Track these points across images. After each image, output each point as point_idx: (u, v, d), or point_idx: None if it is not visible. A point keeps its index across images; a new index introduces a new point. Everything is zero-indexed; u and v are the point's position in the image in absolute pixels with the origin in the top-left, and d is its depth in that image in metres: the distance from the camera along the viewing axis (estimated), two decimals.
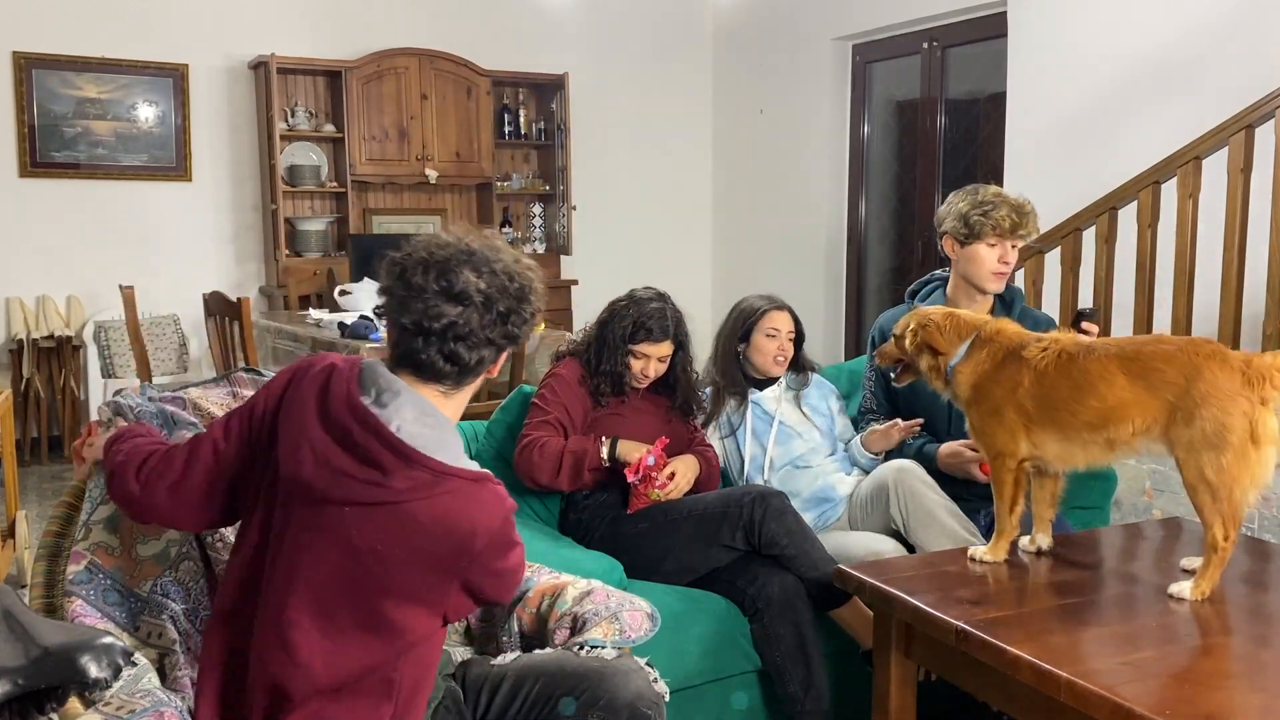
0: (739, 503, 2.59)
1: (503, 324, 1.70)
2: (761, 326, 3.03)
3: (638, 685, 1.86)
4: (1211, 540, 2.05)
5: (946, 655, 2.09)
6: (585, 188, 7.46)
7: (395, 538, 1.62)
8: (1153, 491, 4.18)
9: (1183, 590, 2.07)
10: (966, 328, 2.35)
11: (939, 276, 3.03)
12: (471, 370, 1.71)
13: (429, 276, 1.66)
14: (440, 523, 1.61)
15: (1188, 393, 2.05)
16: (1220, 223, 3.98)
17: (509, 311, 1.70)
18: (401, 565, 1.62)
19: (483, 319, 1.67)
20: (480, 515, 1.63)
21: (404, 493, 1.61)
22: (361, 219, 6.98)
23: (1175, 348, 2.10)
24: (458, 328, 1.65)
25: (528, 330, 1.76)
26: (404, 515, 1.62)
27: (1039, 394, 2.21)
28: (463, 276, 1.66)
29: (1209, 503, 2.04)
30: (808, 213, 7.15)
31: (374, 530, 1.62)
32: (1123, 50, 5.05)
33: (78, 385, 6.16)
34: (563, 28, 7.37)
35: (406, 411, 1.64)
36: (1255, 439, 2.01)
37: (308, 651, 1.64)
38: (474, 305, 1.66)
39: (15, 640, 1.46)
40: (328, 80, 6.79)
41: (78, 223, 6.27)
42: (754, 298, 3.11)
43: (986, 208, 2.78)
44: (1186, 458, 2.07)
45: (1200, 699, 1.67)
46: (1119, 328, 4.36)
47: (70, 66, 6.18)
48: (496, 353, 1.73)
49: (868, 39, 6.76)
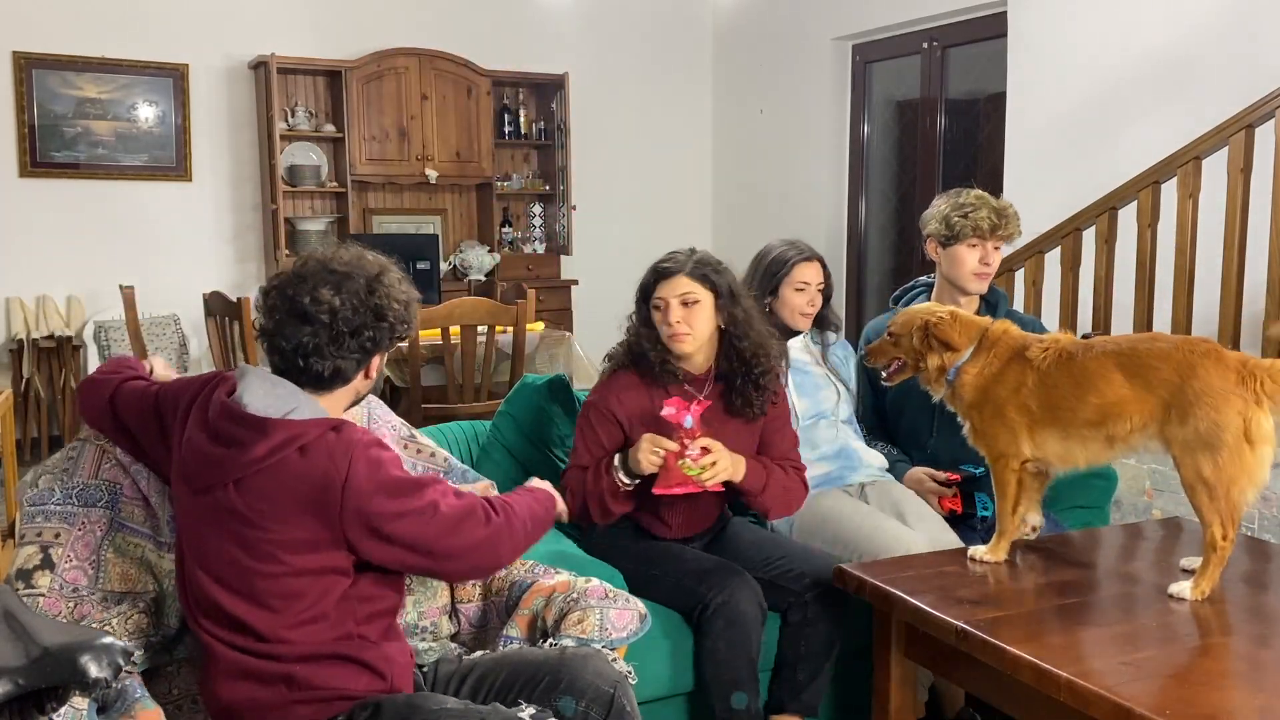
0: (705, 594, 2.39)
1: (354, 339, 1.83)
2: (791, 280, 2.84)
3: (596, 665, 1.94)
4: (1210, 539, 2.06)
5: (946, 655, 2.09)
6: (585, 188, 7.46)
7: (273, 496, 1.76)
8: (1153, 491, 4.18)
9: (1183, 590, 2.08)
10: (974, 327, 2.35)
11: (923, 282, 3.06)
12: (330, 379, 1.85)
13: (284, 296, 1.83)
14: (303, 470, 1.75)
15: (1182, 391, 2.05)
16: (1220, 223, 3.98)
17: (360, 328, 1.83)
18: (284, 523, 1.76)
19: (331, 335, 1.81)
20: (337, 454, 1.75)
21: (266, 457, 1.75)
22: (362, 219, 6.98)
23: (1171, 346, 2.11)
24: (304, 346, 1.81)
25: (388, 343, 1.89)
26: (272, 475, 1.76)
27: (1041, 394, 2.22)
28: (318, 295, 1.81)
29: (1206, 502, 2.05)
30: (808, 213, 7.15)
31: (254, 498, 1.76)
32: (1122, 50, 5.05)
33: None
34: (563, 28, 7.37)
35: (255, 388, 1.81)
36: (1250, 438, 2.01)
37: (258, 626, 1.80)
38: (320, 324, 1.80)
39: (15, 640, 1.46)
40: (328, 80, 6.79)
41: (78, 223, 6.27)
42: (780, 246, 2.90)
43: (967, 209, 2.82)
44: (1182, 456, 2.08)
45: (1200, 699, 1.67)
46: (1119, 328, 4.35)
47: (70, 66, 6.18)
48: (356, 365, 1.86)
49: (868, 39, 6.75)
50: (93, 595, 2.03)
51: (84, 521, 2.07)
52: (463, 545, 1.84)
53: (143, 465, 2.12)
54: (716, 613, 2.38)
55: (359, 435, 1.81)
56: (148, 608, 2.06)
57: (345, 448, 1.76)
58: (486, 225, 7.33)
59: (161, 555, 2.10)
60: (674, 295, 2.45)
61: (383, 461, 1.80)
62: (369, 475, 1.76)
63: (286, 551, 1.77)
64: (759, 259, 2.92)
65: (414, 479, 1.84)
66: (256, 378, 1.84)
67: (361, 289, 1.83)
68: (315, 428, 1.77)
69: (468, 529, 1.84)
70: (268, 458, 1.75)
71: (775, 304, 2.87)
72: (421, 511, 1.80)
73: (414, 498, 1.80)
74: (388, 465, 1.80)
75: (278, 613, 1.78)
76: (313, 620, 1.79)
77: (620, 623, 2.09)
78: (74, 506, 2.08)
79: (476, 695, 1.94)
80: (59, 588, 2.01)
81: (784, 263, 2.86)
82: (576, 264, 7.46)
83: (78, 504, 2.08)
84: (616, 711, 1.89)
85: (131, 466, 2.12)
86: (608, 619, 2.08)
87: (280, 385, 1.82)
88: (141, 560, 2.10)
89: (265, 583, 1.78)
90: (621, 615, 2.10)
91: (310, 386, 1.84)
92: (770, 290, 2.86)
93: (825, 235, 7.07)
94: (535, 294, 5.15)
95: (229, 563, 1.79)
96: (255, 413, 1.77)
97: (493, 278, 7.00)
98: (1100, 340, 2.25)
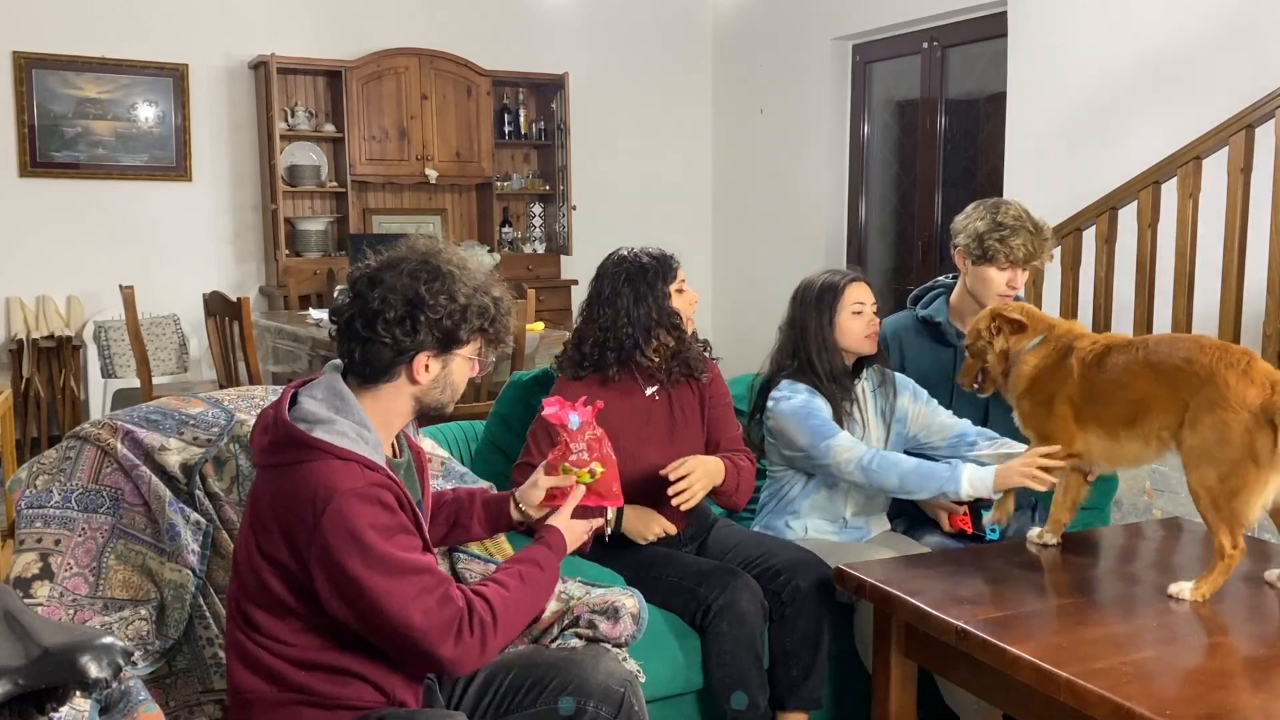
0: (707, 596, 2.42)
1: (385, 323, 1.74)
2: (844, 304, 2.68)
3: (607, 665, 1.93)
4: (1219, 547, 2.06)
5: (946, 655, 2.09)
6: (585, 188, 7.46)
7: (271, 498, 1.72)
8: (1153, 491, 4.18)
9: (1182, 591, 2.08)
10: (1044, 319, 2.41)
11: (943, 283, 3.01)
12: (363, 366, 1.77)
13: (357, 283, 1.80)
14: (295, 488, 1.69)
15: (1199, 396, 2.04)
16: (1220, 223, 3.98)
17: (403, 317, 1.75)
18: (269, 533, 1.71)
19: (362, 312, 1.75)
20: (324, 484, 1.66)
21: (278, 459, 1.72)
22: (362, 219, 6.97)
23: (1201, 349, 2.08)
24: (343, 318, 1.78)
25: (431, 341, 1.77)
26: (277, 478, 1.72)
27: (1084, 388, 2.26)
28: (372, 271, 1.78)
29: (1211, 512, 2.06)
30: (808, 213, 7.15)
31: (260, 489, 1.75)
32: (1123, 50, 5.05)
33: (78, 385, 6.15)
34: (563, 28, 7.37)
35: (317, 390, 1.78)
36: (1255, 457, 1.97)
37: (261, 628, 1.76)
38: (360, 298, 1.76)
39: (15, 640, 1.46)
40: (328, 80, 6.79)
41: (78, 223, 6.27)
42: (822, 275, 2.76)
43: (1004, 233, 2.73)
44: (1188, 462, 2.08)
45: (1200, 699, 1.67)
46: (1119, 328, 4.35)
47: (70, 66, 6.18)
48: (391, 354, 1.76)
49: (868, 39, 6.75)
50: (94, 603, 2.02)
51: (84, 527, 2.06)
52: (419, 658, 1.71)
53: (144, 469, 2.11)
54: (720, 614, 2.39)
55: (359, 479, 1.68)
56: (149, 615, 2.04)
57: (337, 482, 1.66)
58: (486, 225, 7.33)
59: (163, 563, 2.08)
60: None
61: (369, 522, 1.66)
62: (345, 522, 1.65)
63: (271, 563, 1.73)
64: (803, 293, 2.74)
65: (397, 560, 1.67)
66: (324, 381, 1.80)
67: (408, 274, 1.76)
68: (330, 449, 1.69)
69: (431, 641, 1.68)
70: (279, 460, 1.71)
71: (835, 336, 2.69)
72: (390, 595, 1.66)
73: (389, 577, 1.65)
74: (369, 529, 1.66)
75: (277, 617, 1.75)
76: (308, 631, 1.75)
77: (624, 622, 2.09)
78: (74, 511, 2.06)
79: (484, 697, 1.93)
80: (59, 595, 1.99)
81: (836, 287, 2.70)
82: (576, 264, 7.45)
83: (77, 508, 2.06)
84: (626, 711, 1.88)
85: (133, 471, 2.10)
86: (612, 617, 2.08)
87: (337, 396, 1.77)
88: (143, 568, 2.08)
89: (264, 579, 1.75)
90: (625, 613, 2.10)
91: (356, 377, 1.80)
92: (829, 323, 2.68)
93: (825, 235, 7.07)
94: (535, 294, 5.15)
95: (244, 555, 1.78)
96: (294, 417, 1.73)
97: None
98: (1142, 339, 2.26)
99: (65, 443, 2.15)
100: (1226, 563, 2.05)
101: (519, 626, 1.81)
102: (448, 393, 1.85)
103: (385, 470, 1.73)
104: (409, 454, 1.96)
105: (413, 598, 1.67)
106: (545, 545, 1.91)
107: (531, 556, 1.88)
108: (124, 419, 2.18)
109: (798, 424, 2.63)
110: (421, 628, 1.67)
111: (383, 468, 1.73)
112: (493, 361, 1.92)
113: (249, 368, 4.54)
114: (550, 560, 1.89)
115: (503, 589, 1.78)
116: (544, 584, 1.86)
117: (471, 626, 1.71)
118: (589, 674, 1.89)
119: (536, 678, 1.90)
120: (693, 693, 2.51)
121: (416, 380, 1.80)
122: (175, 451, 2.15)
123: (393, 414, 1.83)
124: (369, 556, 1.65)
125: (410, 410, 1.84)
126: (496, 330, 1.86)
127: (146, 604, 2.05)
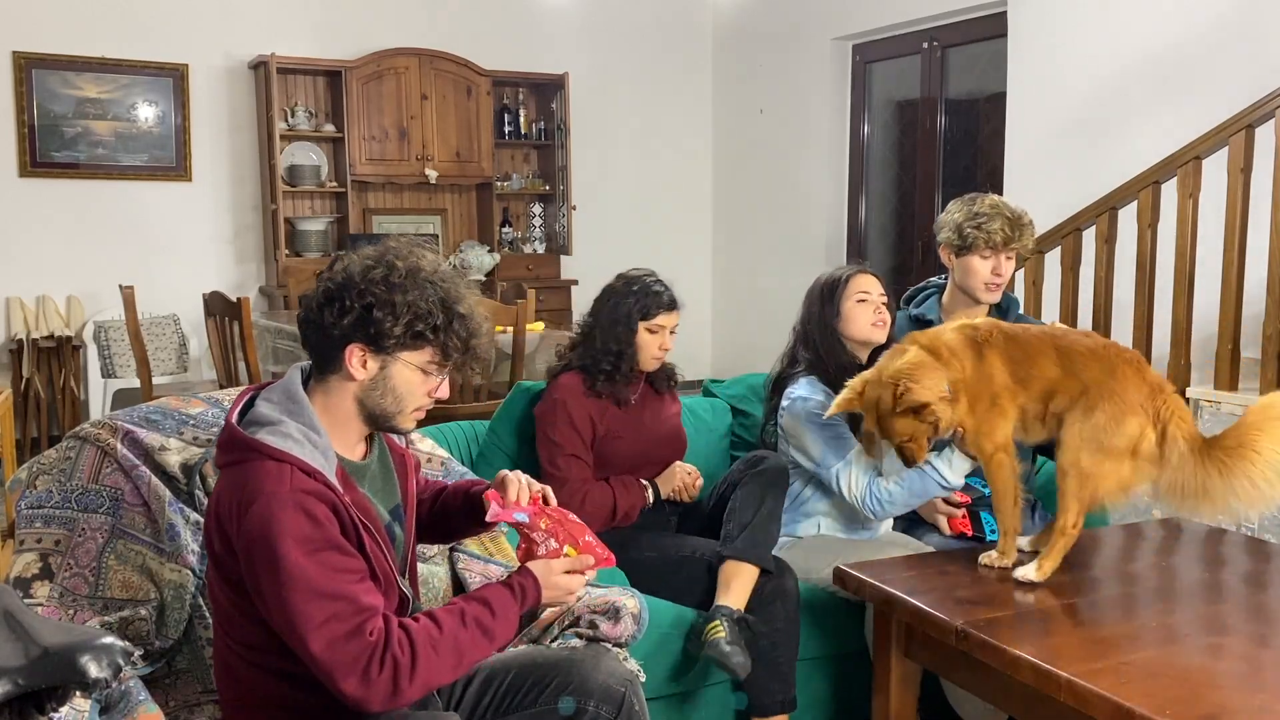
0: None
1: (330, 307, 1.70)
2: (849, 294, 2.70)
3: (608, 665, 1.91)
4: (1062, 524, 2.14)
5: (946, 655, 2.09)
6: (585, 188, 7.46)
7: (215, 498, 1.68)
8: None
9: (1028, 573, 2.14)
10: (930, 367, 2.17)
11: (935, 284, 3.03)
12: (313, 353, 1.75)
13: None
14: (229, 487, 1.65)
15: (1100, 386, 2.12)
16: (1220, 223, 3.98)
17: (334, 298, 1.71)
18: (213, 536, 1.67)
19: (319, 298, 1.72)
20: (252, 485, 1.61)
21: (223, 459, 1.69)
22: (361, 219, 6.98)
23: (1100, 345, 2.20)
24: (301, 304, 1.77)
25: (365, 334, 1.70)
26: (222, 478, 1.69)
27: (1010, 368, 2.19)
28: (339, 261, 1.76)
29: (1075, 489, 2.11)
30: (808, 213, 7.15)
31: (214, 491, 1.71)
32: (1123, 50, 5.05)
33: (78, 385, 6.16)
34: (563, 28, 7.37)
35: (274, 393, 1.75)
36: (1136, 452, 2.10)
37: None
38: (320, 284, 1.74)
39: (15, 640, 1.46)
40: (328, 80, 6.79)
41: (78, 223, 6.27)
42: (833, 270, 2.80)
43: (981, 219, 2.77)
44: (1069, 441, 2.13)
45: (1200, 699, 1.67)
46: (1119, 328, 4.35)
47: (70, 66, 6.18)
48: (331, 344, 1.71)
49: (868, 39, 6.76)
50: (94, 603, 2.01)
51: (84, 528, 2.06)
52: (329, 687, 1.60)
53: (144, 470, 2.10)
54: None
55: (292, 484, 1.60)
56: (149, 615, 2.04)
57: (263, 484, 1.60)
58: (486, 225, 7.33)
59: (162, 563, 2.08)
60: (670, 325, 2.73)
61: (289, 531, 1.58)
62: (266, 530, 1.57)
63: (219, 568, 1.68)
64: (812, 289, 2.79)
65: (310, 579, 1.56)
66: (281, 384, 1.76)
67: (361, 264, 1.72)
68: (265, 450, 1.63)
69: (333, 675, 1.57)
70: (223, 460, 1.68)
71: (841, 325, 2.70)
72: (296, 615, 1.56)
73: (297, 596, 1.56)
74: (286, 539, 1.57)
75: (240, 624, 1.69)
76: (271, 635, 1.65)
77: (625, 621, 2.08)
78: (74, 511, 2.06)
79: (483, 697, 1.91)
80: (59, 596, 1.99)
81: (838, 279, 2.73)
82: (576, 264, 7.46)
83: (77, 509, 2.06)
84: (627, 711, 1.87)
85: (133, 471, 2.10)
86: (613, 617, 2.07)
87: (290, 399, 1.72)
88: (143, 568, 2.08)
89: (222, 584, 1.70)
90: (625, 613, 2.09)
91: (314, 370, 1.77)
92: (834, 314, 2.70)
93: (825, 235, 7.07)
94: (535, 294, 5.16)
95: (210, 562, 1.72)
96: (247, 420, 1.70)
97: (492, 278, 7.00)
98: (1030, 325, 2.33)
99: (65, 443, 2.15)
100: (1067, 540, 2.14)
101: (448, 671, 1.66)
102: (391, 400, 1.74)
103: (324, 478, 1.64)
104: (382, 455, 1.88)
105: (318, 624, 1.56)
106: (509, 590, 1.77)
107: (488, 598, 1.75)
108: (124, 419, 2.18)
109: (814, 434, 2.62)
110: (322, 659, 1.56)
111: (322, 474, 1.64)
112: (442, 385, 1.79)
113: (249, 368, 4.54)
114: (508, 607, 1.75)
115: (435, 628, 1.65)
116: (493, 631, 1.72)
117: (382, 664, 1.58)
118: (590, 674, 1.87)
119: (537, 677, 1.89)
120: (694, 693, 2.51)
121: (353, 375, 1.72)
122: (175, 451, 2.15)
123: (340, 413, 1.75)
124: (278, 569, 1.56)
125: (355, 412, 1.75)
126: (447, 345, 1.74)
127: (146, 604, 2.04)
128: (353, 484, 1.76)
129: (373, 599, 1.62)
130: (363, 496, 1.77)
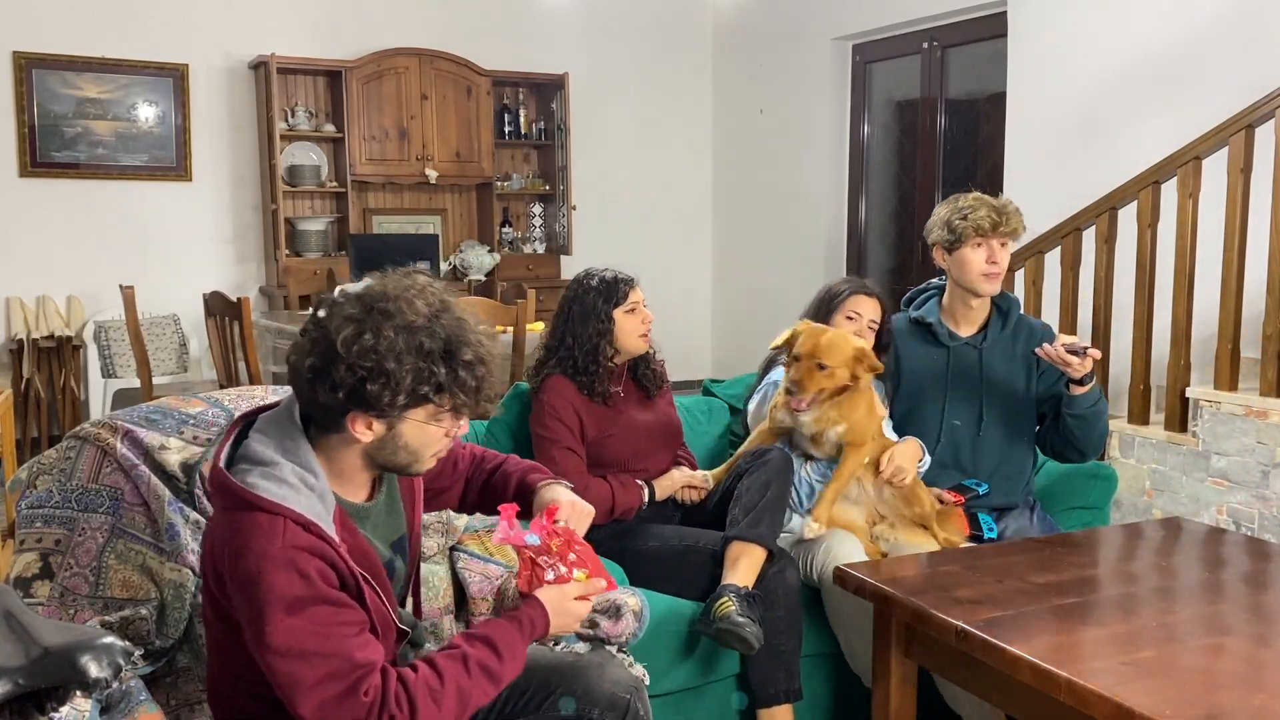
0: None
1: (319, 375, 1.57)
2: (843, 308, 2.88)
3: (614, 673, 1.89)
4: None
5: (946, 655, 2.09)
6: (585, 188, 7.46)
7: (208, 532, 1.64)
8: (1153, 491, 4.18)
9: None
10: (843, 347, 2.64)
11: (935, 285, 3.04)
12: (314, 418, 1.62)
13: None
14: (222, 532, 1.57)
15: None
16: (1220, 223, 3.98)
17: (322, 371, 1.57)
18: (207, 567, 1.62)
19: (307, 359, 1.58)
20: (241, 539, 1.52)
21: (216, 499, 1.63)
22: (362, 219, 6.98)
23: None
24: (290, 366, 1.63)
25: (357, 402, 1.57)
26: (216, 513, 1.63)
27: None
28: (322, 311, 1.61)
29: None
30: (808, 213, 7.15)
31: (209, 518, 1.68)
32: (1123, 50, 5.05)
33: (78, 385, 6.16)
34: (563, 28, 7.38)
35: (270, 425, 1.64)
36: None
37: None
38: (302, 344, 1.60)
39: (15, 640, 1.46)
40: (328, 80, 6.79)
41: (78, 223, 6.27)
42: (840, 281, 2.98)
43: (966, 211, 2.82)
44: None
45: (1200, 699, 1.67)
46: (1119, 328, 4.36)
47: (70, 66, 6.18)
48: (328, 411, 1.58)
49: (868, 39, 6.76)
50: (94, 603, 2.01)
51: (84, 527, 2.06)
52: None
53: (143, 469, 2.10)
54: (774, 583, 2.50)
55: (285, 540, 1.51)
56: (149, 615, 2.04)
57: (252, 541, 1.51)
58: (486, 225, 7.33)
59: (162, 562, 2.08)
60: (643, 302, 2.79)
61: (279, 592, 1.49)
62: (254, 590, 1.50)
63: (213, 604, 1.63)
64: (819, 293, 2.96)
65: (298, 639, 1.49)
66: (276, 415, 1.65)
67: (346, 329, 1.56)
68: (257, 503, 1.53)
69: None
70: (212, 491, 1.61)
71: None
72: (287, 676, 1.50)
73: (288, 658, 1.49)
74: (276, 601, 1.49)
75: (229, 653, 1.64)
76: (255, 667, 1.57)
77: (626, 620, 2.08)
78: (74, 511, 2.06)
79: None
80: (59, 595, 1.99)
81: (839, 293, 2.91)
82: (576, 264, 7.44)
83: (77, 508, 2.06)
84: (631, 717, 1.86)
85: (133, 471, 2.10)
86: (614, 615, 2.07)
87: (286, 435, 1.62)
88: (143, 567, 2.08)
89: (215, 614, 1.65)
90: (627, 611, 2.09)
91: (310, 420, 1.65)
92: (823, 318, 2.85)
93: (825, 235, 7.07)
94: (535, 294, 5.15)
95: (205, 583, 1.66)
96: (240, 455, 1.61)
97: (492, 278, 7.00)
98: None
99: (65, 443, 2.15)
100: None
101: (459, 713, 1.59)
102: (405, 455, 1.65)
103: (319, 529, 1.55)
104: (390, 491, 1.80)
105: (310, 685, 1.49)
106: (516, 625, 1.69)
107: (493, 638, 1.66)
108: (124, 419, 2.18)
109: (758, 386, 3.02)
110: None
111: (317, 526, 1.54)
112: (463, 428, 1.71)
113: (249, 368, 4.54)
114: (514, 645, 1.67)
115: (435, 678, 1.57)
116: (498, 674, 1.64)
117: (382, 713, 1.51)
118: (595, 681, 1.85)
119: (541, 683, 1.85)
120: (694, 690, 2.51)
121: (358, 439, 1.61)
122: (175, 450, 2.15)
123: (344, 466, 1.67)
124: (264, 631, 1.49)
125: (365, 465, 1.67)
126: (455, 398, 1.62)
127: (146, 604, 2.04)
128: (352, 527, 1.67)
129: (369, 653, 1.54)
130: (362, 540, 1.68)
